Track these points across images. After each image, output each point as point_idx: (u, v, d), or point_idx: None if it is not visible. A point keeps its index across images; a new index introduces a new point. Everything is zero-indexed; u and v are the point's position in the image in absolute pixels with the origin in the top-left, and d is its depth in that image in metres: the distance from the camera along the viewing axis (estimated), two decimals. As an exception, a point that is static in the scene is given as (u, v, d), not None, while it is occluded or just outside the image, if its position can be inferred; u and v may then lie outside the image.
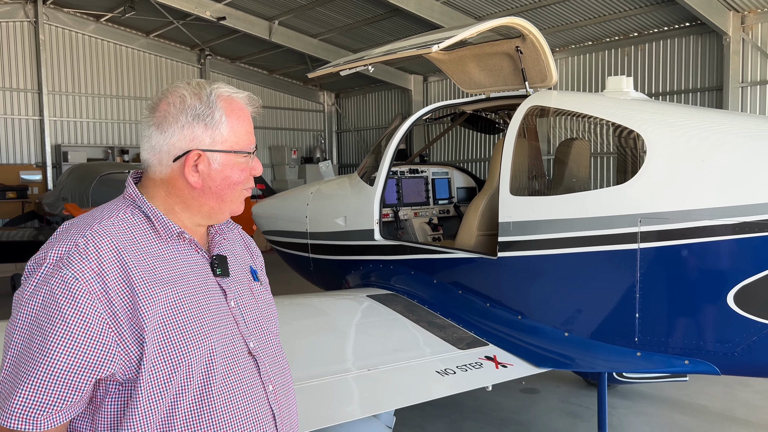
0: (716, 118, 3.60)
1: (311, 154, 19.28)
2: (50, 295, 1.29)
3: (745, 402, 5.24)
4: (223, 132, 1.47)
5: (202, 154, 1.45)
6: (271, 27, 14.67)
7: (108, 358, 1.31)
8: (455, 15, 11.94)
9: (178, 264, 1.44)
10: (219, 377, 1.41)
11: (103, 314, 1.31)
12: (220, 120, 1.47)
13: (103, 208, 1.48)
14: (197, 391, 1.38)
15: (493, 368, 3.39)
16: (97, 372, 1.31)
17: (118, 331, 1.32)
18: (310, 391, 2.93)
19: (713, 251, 3.07)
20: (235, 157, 1.49)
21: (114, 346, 1.31)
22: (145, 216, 1.47)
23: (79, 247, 1.34)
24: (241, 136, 1.50)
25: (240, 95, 1.54)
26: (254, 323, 1.55)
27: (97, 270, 1.32)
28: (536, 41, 3.95)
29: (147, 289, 1.35)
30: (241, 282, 1.58)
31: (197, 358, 1.38)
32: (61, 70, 15.67)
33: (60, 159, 15.25)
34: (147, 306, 1.34)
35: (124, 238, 1.40)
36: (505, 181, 3.75)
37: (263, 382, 1.51)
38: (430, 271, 4.29)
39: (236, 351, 1.47)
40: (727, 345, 3.06)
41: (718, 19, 10.25)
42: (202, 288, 1.46)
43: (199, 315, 1.41)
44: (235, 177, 1.50)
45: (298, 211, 5.59)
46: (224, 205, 1.52)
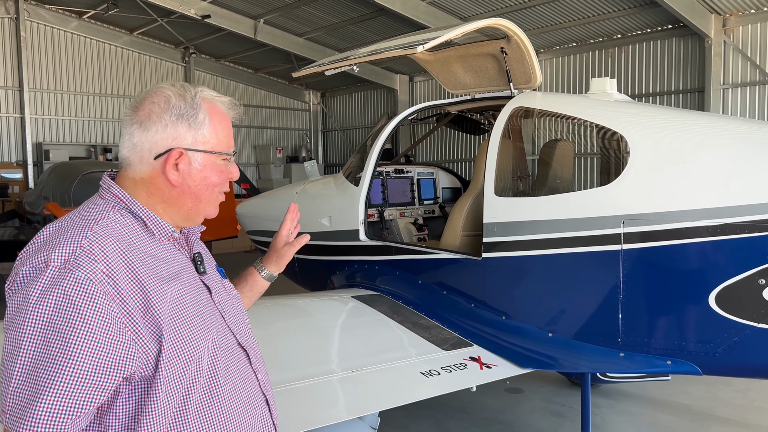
0: (699, 120, 3.64)
1: (297, 153, 19.22)
2: (65, 297, 1.26)
3: (726, 401, 5.31)
4: (205, 133, 1.50)
5: (183, 152, 1.48)
6: (256, 25, 14.60)
7: (130, 357, 1.31)
8: (441, 15, 11.97)
9: (171, 263, 1.47)
10: (222, 369, 1.46)
11: (119, 314, 1.30)
12: (203, 121, 1.50)
13: (88, 209, 1.45)
14: (205, 383, 1.42)
15: (477, 369, 3.39)
16: (122, 371, 1.30)
17: (134, 330, 1.32)
18: (294, 394, 2.91)
19: (695, 252, 3.10)
20: (215, 158, 1.53)
21: (133, 344, 1.31)
22: (135, 217, 1.46)
23: (85, 249, 1.32)
24: (222, 139, 1.54)
25: (223, 99, 1.58)
26: (234, 317, 1.61)
27: (107, 271, 1.31)
28: (521, 42, 3.96)
29: (156, 287, 1.37)
30: (216, 279, 1.63)
31: (205, 351, 1.42)
32: (43, 67, 15.47)
33: (41, 157, 15.07)
34: (160, 303, 1.35)
35: (123, 239, 1.40)
36: (489, 182, 3.76)
37: (255, 371, 1.59)
38: (415, 271, 4.28)
39: (230, 343, 1.53)
40: (709, 345, 3.09)
41: (700, 21, 10.37)
42: (194, 285, 1.50)
43: (200, 310, 1.46)
44: (213, 178, 1.53)
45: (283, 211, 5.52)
46: (201, 206, 1.55)
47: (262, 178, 18.28)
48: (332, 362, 3.40)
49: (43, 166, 14.65)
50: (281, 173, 18.20)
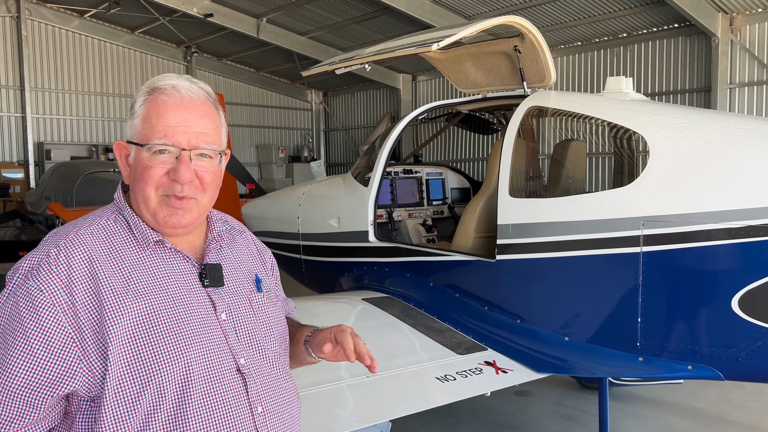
0: (719, 119, 3.57)
1: (299, 152, 19.14)
2: (15, 308, 1.25)
3: (738, 404, 5.24)
4: (136, 123, 1.38)
5: (124, 146, 1.41)
6: (258, 24, 14.52)
7: (69, 375, 1.25)
8: (445, 14, 11.89)
9: (158, 274, 1.36)
10: (197, 396, 1.31)
11: (68, 328, 1.24)
12: (136, 110, 1.39)
13: (89, 214, 1.43)
14: (171, 410, 1.29)
15: (493, 374, 3.32)
16: (57, 389, 1.25)
17: (82, 345, 1.25)
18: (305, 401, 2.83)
19: (717, 255, 3.02)
20: (140, 150, 1.37)
21: (77, 361, 1.25)
22: (126, 222, 1.40)
23: (50, 258, 1.28)
24: (152, 128, 1.36)
25: (163, 83, 1.39)
26: (248, 338, 1.44)
27: (66, 281, 1.26)
28: (535, 40, 3.89)
29: (116, 301, 1.27)
30: (237, 293, 1.47)
31: (171, 375, 1.28)
32: (44, 66, 15.39)
33: (43, 157, 15.00)
34: (114, 320, 1.26)
35: (101, 248, 1.33)
36: (503, 183, 3.69)
37: (251, 402, 1.39)
38: (427, 273, 4.21)
39: (222, 368, 1.36)
40: (731, 350, 3.02)
41: (706, 20, 10.29)
42: (185, 299, 1.36)
43: (175, 329, 1.32)
44: (139, 173, 1.38)
45: (290, 212, 5.49)
46: (140, 206, 1.39)
47: (264, 178, 18.20)
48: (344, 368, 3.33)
49: (44, 165, 14.58)
50: (283, 173, 18.13)
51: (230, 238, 1.56)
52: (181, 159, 1.36)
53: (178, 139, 1.36)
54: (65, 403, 1.31)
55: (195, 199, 1.39)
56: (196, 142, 1.38)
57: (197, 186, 1.39)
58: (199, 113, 1.39)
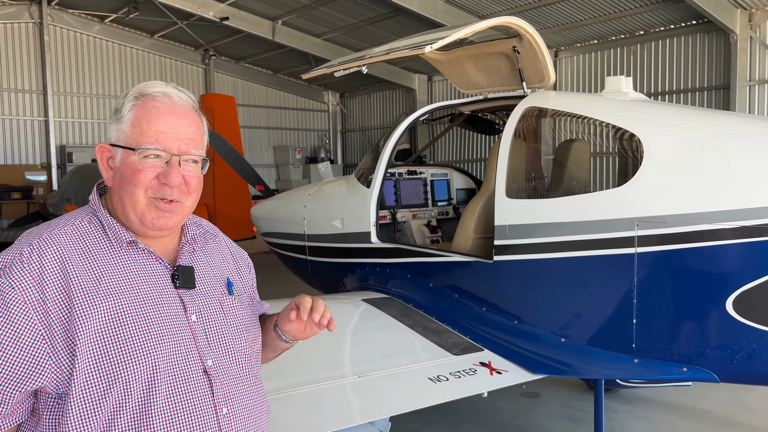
0: (715, 119, 3.53)
1: (316, 153, 19.24)
2: None
3: (748, 406, 5.15)
4: (124, 127, 1.44)
5: (110, 149, 1.45)
6: (274, 27, 14.64)
7: (38, 371, 1.28)
8: (458, 14, 11.86)
9: (129, 274, 1.40)
10: (162, 395, 1.35)
11: (38, 324, 1.28)
12: (125, 115, 1.44)
13: (64, 215, 1.47)
14: (137, 409, 1.32)
15: (487, 374, 3.33)
16: (25, 384, 1.28)
17: (51, 342, 1.29)
18: (301, 398, 2.89)
19: (712, 256, 2.99)
20: (129, 154, 1.42)
21: (46, 358, 1.29)
22: (100, 223, 1.44)
23: (23, 256, 1.32)
24: (143, 133, 1.41)
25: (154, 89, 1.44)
26: (217, 340, 1.48)
27: (38, 279, 1.30)
28: (533, 41, 3.89)
29: (86, 300, 1.32)
30: (208, 295, 1.51)
31: (137, 374, 1.32)
32: (66, 70, 15.70)
33: (65, 160, 15.30)
34: (82, 318, 1.30)
35: (74, 248, 1.37)
36: (501, 184, 3.69)
37: (216, 403, 1.42)
38: (426, 274, 4.23)
39: (187, 368, 1.40)
40: (726, 352, 2.98)
41: (725, 16, 10.12)
42: (156, 300, 1.40)
43: (144, 328, 1.36)
44: (128, 176, 1.42)
45: (296, 213, 5.54)
46: (126, 209, 1.43)
47: (282, 179, 18.34)
48: (342, 366, 3.36)
49: (66, 168, 14.87)
50: (300, 174, 18.25)
51: (203, 242, 1.60)
52: (172, 164, 1.42)
53: (169, 145, 1.42)
54: (33, 400, 1.35)
55: (181, 202, 1.45)
56: (186, 148, 1.44)
57: (184, 190, 1.44)
58: (188, 120, 1.46)
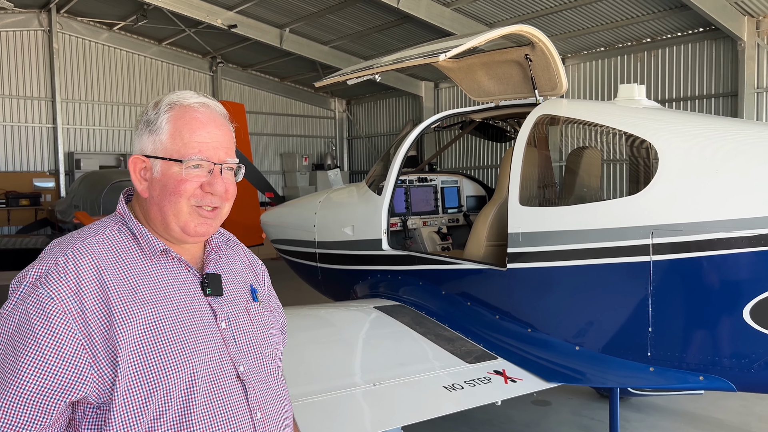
0: (730, 126, 3.52)
1: (322, 160, 19.28)
2: (25, 315, 1.28)
3: (761, 416, 5.12)
4: (162, 138, 1.44)
5: (145, 160, 1.45)
6: (282, 34, 14.70)
7: (80, 381, 1.28)
8: (466, 21, 11.89)
9: (163, 282, 1.41)
10: (200, 402, 1.36)
11: (78, 335, 1.28)
12: (162, 126, 1.44)
13: (92, 225, 1.47)
14: (176, 416, 1.33)
15: (501, 383, 3.31)
16: (68, 395, 1.28)
17: (92, 352, 1.29)
18: (315, 407, 2.88)
19: (728, 264, 2.98)
20: (171, 165, 1.43)
21: (87, 368, 1.28)
22: (131, 233, 1.44)
23: (59, 266, 1.32)
24: (185, 144, 1.43)
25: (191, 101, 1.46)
26: (246, 346, 1.50)
27: (75, 289, 1.30)
28: (546, 49, 3.89)
29: (125, 309, 1.32)
30: (235, 302, 1.53)
31: (177, 381, 1.33)
32: (75, 78, 15.80)
33: (73, 166, 15.36)
34: (123, 327, 1.30)
35: (107, 257, 1.37)
36: (514, 191, 3.69)
37: (251, 408, 1.44)
38: (438, 282, 4.22)
39: (223, 375, 1.42)
40: (744, 361, 2.97)
41: (732, 24, 10.11)
42: (189, 308, 1.41)
43: (181, 336, 1.37)
44: (171, 187, 1.43)
45: (306, 220, 5.55)
46: (168, 219, 1.44)
47: (288, 186, 18.37)
48: (354, 375, 3.36)
49: (74, 174, 14.93)
50: (307, 181, 18.27)
51: (226, 249, 1.61)
52: (215, 173, 1.45)
53: (211, 154, 1.45)
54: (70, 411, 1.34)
55: (220, 208, 1.49)
56: (224, 157, 1.47)
57: (224, 197, 1.49)
58: (225, 130, 1.50)
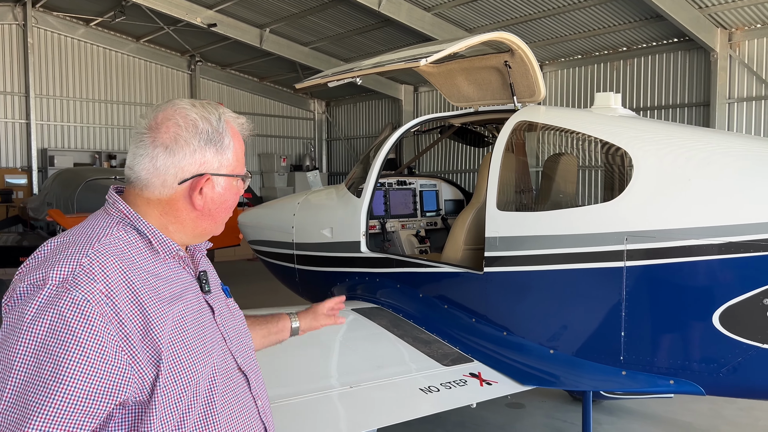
0: (703, 136, 3.61)
1: (301, 161, 19.24)
2: (60, 318, 1.22)
3: (729, 419, 5.23)
4: (229, 156, 1.49)
5: (210, 177, 1.46)
6: (262, 35, 14.65)
7: (125, 383, 1.26)
8: (446, 27, 11.98)
9: (175, 282, 1.43)
10: (220, 395, 1.42)
11: (116, 337, 1.25)
12: (228, 145, 1.49)
13: (92, 225, 1.42)
14: (202, 410, 1.38)
15: (477, 386, 3.35)
16: (116, 397, 1.25)
17: (131, 354, 1.27)
18: (291, 410, 2.88)
19: (699, 271, 3.06)
20: (234, 180, 1.51)
21: (128, 369, 1.26)
22: (140, 234, 1.43)
23: (84, 267, 1.27)
24: (240, 160, 1.53)
25: (241, 121, 1.57)
26: (237, 339, 1.56)
27: (106, 291, 1.26)
28: (525, 56, 3.95)
29: (157, 308, 1.32)
30: (219, 298, 1.58)
31: (203, 376, 1.38)
32: (50, 73, 15.54)
33: (46, 163, 15.11)
34: (160, 326, 1.31)
35: (126, 257, 1.36)
36: (491, 196, 3.73)
37: (254, 397, 1.54)
38: (416, 284, 4.25)
39: (230, 368, 1.48)
40: (712, 365, 3.04)
41: (705, 35, 10.35)
42: (197, 305, 1.46)
43: (200, 333, 1.41)
44: (232, 200, 1.53)
45: (285, 222, 5.54)
46: (216, 227, 1.54)
47: (266, 186, 18.29)
48: (331, 377, 3.37)
49: (47, 171, 14.69)
50: (285, 182, 18.21)
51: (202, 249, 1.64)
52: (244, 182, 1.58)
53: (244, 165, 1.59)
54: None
55: None
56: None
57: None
58: None
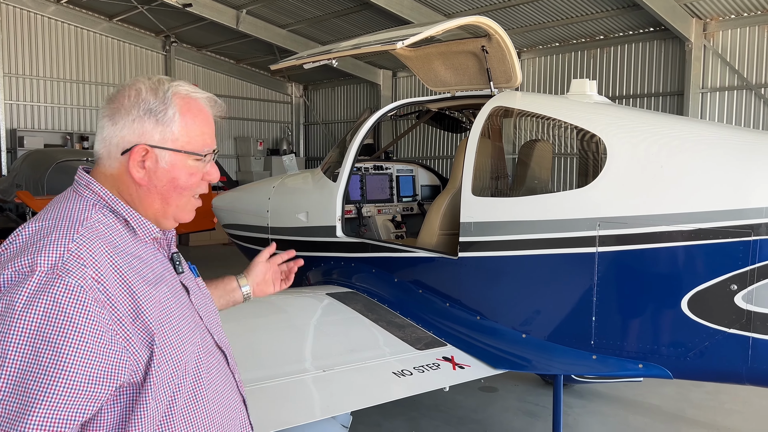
0: (676, 124, 3.65)
1: (278, 146, 19.07)
2: (55, 305, 1.19)
3: (696, 402, 5.36)
4: (174, 130, 1.42)
5: (149, 149, 1.41)
6: (238, 16, 14.42)
7: (122, 366, 1.26)
8: (424, 11, 11.92)
9: (155, 265, 1.42)
10: (205, 371, 1.44)
11: (110, 322, 1.25)
12: (172, 117, 1.42)
13: (68, 207, 1.37)
14: (190, 387, 1.40)
15: (450, 369, 3.38)
16: (115, 380, 1.25)
17: (125, 337, 1.26)
18: (265, 393, 2.87)
19: (669, 257, 3.10)
20: (185, 158, 1.44)
21: (124, 352, 1.26)
22: (118, 216, 1.41)
23: (73, 253, 1.25)
24: (194, 137, 1.45)
25: (200, 95, 1.49)
26: (209, 317, 1.58)
27: (96, 276, 1.25)
28: (502, 41, 3.94)
29: (145, 291, 1.31)
30: (190, 278, 1.59)
31: (190, 355, 1.40)
32: (19, 52, 15.12)
33: (15, 144, 14.76)
34: (149, 308, 1.31)
35: (109, 241, 1.34)
36: (467, 181, 3.74)
37: (232, 371, 1.58)
38: (391, 269, 4.25)
39: (209, 344, 1.50)
40: (680, 350, 3.10)
41: (681, 25, 10.45)
42: (176, 286, 1.46)
43: (182, 313, 1.42)
44: (183, 180, 1.45)
45: (260, 205, 5.49)
46: (169, 209, 1.47)
47: (242, 171, 18.11)
48: (304, 361, 3.36)
49: (17, 152, 14.35)
50: (261, 166, 18.04)
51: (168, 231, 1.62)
52: (212, 163, 1.50)
53: (211, 144, 1.50)
54: None
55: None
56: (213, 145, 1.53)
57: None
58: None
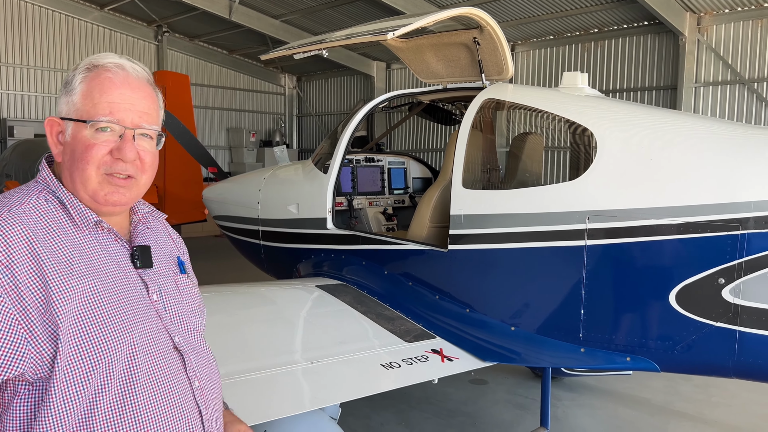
0: (667, 117, 3.64)
1: (271, 137, 18.98)
2: None
3: (684, 395, 5.39)
4: (75, 99, 1.38)
5: (60, 123, 1.39)
6: (231, 5, 14.30)
7: (18, 357, 1.22)
8: (418, 2, 11.86)
9: (96, 254, 1.36)
10: (143, 373, 1.34)
11: (12, 310, 1.22)
12: (75, 86, 1.38)
13: (13, 193, 1.37)
14: (119, 388, 1.31)
15: (438, 362, 3.37)
16: (5, 372, 1.22)
17: (28, 327, 1.23)
18: (254, 384, 2.86)
19: (657, 250, 3.10)
20: (82, 127, 1.36)
21: (24, 343, 1.23)
22: (60, 202, 1.37)
23: None
24: (94, 105, 1.36)
25: (107, 60, 1.40)
26: (178, 317, 1.48)
27: (6, 262, 1.23)
28: (494, 33, 3.92)
29: (62, 281, 1.26)
30: (164, 274, 1.50)
31: (118, 354, 1.30)
32: (9, 40, 14.95)
33: (5, 134, 14.61)
34: (61, 300, 1.25)
35: (38, 227, 1.30)
36: (457, 174, 3.73)
37: (189, 377, 1.45)
38: (381, 261, 4.24)
39: (161, 346, 1.40)
40: (668, 343, 3.11)
41: (675, 19, 10.45)
42: (122, 280, 1.38)
43: (119, 309, 1.33)
44: (80, 152, 1.36)
45: (250, 197, 5.46)
46: (76, 186, 1.38)
47: (235, 162, 18.03)
48: (294, 352, 3.35)
49: (6, 142, 14.22)
50: (254, 157, 17.96)
51: (152, 220, 1.58)
52: (126, 137, 1.37)
53: (123, 117, 1.37)
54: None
55: (135, 178, 1.41)
56: (139, 121, 1.40)
57: (138, 166, 1.41)
58: (143, 93, 1.42)
